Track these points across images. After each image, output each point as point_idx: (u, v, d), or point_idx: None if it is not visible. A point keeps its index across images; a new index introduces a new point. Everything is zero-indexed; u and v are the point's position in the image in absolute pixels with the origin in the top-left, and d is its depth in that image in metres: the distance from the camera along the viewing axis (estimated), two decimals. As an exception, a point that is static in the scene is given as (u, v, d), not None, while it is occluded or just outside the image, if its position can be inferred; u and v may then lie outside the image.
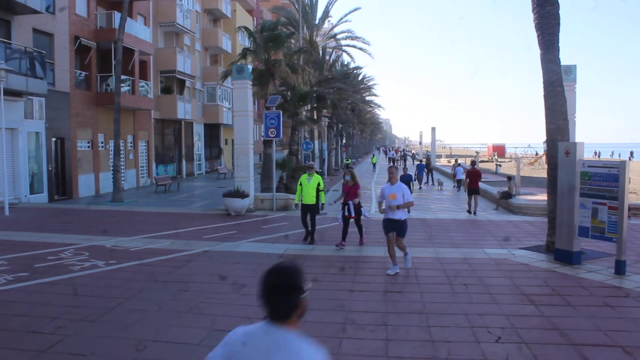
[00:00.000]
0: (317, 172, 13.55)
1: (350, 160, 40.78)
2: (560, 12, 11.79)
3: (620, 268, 9.67)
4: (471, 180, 20.21)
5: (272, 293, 2.61)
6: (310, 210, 12.89)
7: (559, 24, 11.77)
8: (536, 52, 12.07)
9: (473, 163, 22.98)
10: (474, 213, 19.59)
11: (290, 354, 2.47)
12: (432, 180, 37.38)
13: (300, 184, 12.89)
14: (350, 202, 12.16)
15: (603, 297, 8.37)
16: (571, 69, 17.48)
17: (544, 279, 9.68)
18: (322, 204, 13.14)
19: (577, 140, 14.78)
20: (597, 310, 7.75)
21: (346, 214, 12.22)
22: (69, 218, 17.95)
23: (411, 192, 17.07)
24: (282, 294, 2.57)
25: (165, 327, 6.94)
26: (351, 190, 12.28)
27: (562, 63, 12.09)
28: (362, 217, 12.55)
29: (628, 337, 6.69)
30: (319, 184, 12.85)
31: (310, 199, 12.75)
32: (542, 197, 20.23)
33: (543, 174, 21.95)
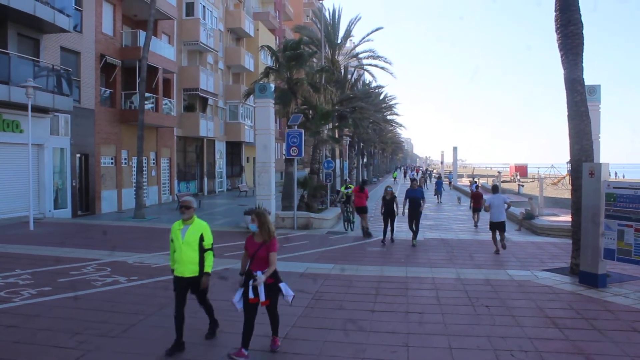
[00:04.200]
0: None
1: (350, 187, 23.68)
2: (584, 31, 11.74)
3: (647, 292, 9.48)
4: (474, 200, 23.75)
5: (493, 189, 15.74)
6: (192, 287, 7.07)
7: (582, 43, 11.71)
8: (561, 72, 12.01)
9: (476, 187, 28.15)
10: (477, 225, 23.57)
11: (502, 196, 15.36)
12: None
13: (172, 240, 7.06)
14: (259, 273, 6.61)
15: (630, 321, 8.20)
16: (595, 89, 17.32)
17: (569, 301, 9.51)
18: (208, 274, 7.06)
19: (601, 161, 14.62)
20: (624, 335, 7.58)
21: (250, 295, 6.57)
22: (92, 234, 18.12)
23: (421, 205, 16.60)
24: (497, 190, 15.53)
25: (186, 345, 6.93)
26: (260, 253, 6.73)
27: (586, 83, 12.00)
28: (282, 297, 6.82)
29: (656, 363, 6.54)
30: (202, 238, 7.01)
31: (189, 267, 6.92)
32: (566, 218, 19.99)
33: (567, 194, 21.74)
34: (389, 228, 16.66)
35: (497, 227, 14.79)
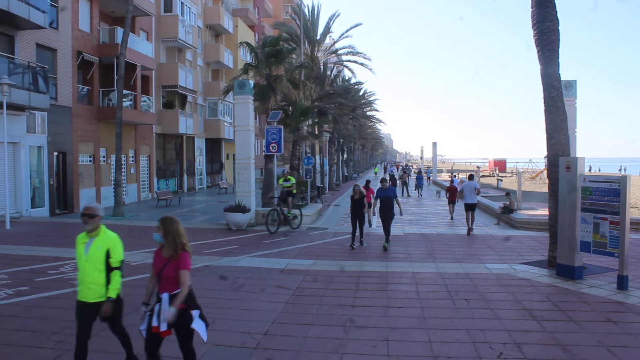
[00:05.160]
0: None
1: (290, 179, 19.77)
2: (559, 27, 11.88)
3: (622, 283, 9.65)
4: (450, 193, 24.85)
5: (469, 177, 18.43)
6: (96, 314, 5.67)
7: (558, 39, 11.85)
8: (538, 68, 12.14)
9: (452, 181, 29.13)
10: (453, 218, 24.18)
11: (473, 183, 18.23)
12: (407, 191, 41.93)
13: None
14: (165, 296, 5.33)
15: (605, 312, 8.34)
16: (571, 84, 17.53)
17: (546, 294, 9.64)
18: (110, 300, 5.67)
19: (577, 155, 14.82)
20: (599, 326, 7.71)
21: (154, 323, 5.32)
22: (70, 232, 17.93)
23: (394, 206, 14.52)
24: (472, 179, 18.23)
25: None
26: (167, 271, 5.34)
27: (562, 78, 12.16)
28: (195, 330, 5.42)
29: (631, 353, 6.66)
30: (109, 253, 5.76)
31: (94, 290, 5.62)
32: (544, 211, 20.22)
33: (544, 188, 22.04)
34: (358, 231, 14.95)
35: (469, 208, 18.10)
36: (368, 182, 21.32)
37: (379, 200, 14.98)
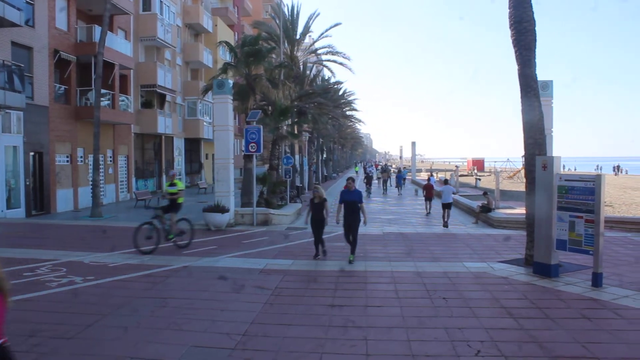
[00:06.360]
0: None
1: (177, 184, 15.27)
2: (536, 28, 12.02)
3: (597, 280, 9.79)
4: (426, 191, 27.49)
5: (444, 182, 23.94)
6: None
7: (535, 40, 11.99)
8: (515, 66, 12.28)
9: (428, 179, 31.18)
10: (429, 213, 27.14)
11: (450, 187, 23.38)
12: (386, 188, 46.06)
13: None
14: None
15: (580, 309, 8.45)
16: (548, 84, 17.76)
17: (523, 292, 9.74)
18: None
19: (554, 154, 15.01)
20: (574, 323, 7.82)
21: None
22: (47, 233, 17.72)
23: (361, 215, 12.22)
24: (447, 183, 23.89)
25: (144, 344, 6.86)
26: None
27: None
28: None
29: (605, 349, 6.76)
30: None
31: None
32: (521, 210, 20.45)
33: (522, 187, 22.31)
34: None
35: (445, 206, 22.25)
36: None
37: (342, 205, 12.69)
